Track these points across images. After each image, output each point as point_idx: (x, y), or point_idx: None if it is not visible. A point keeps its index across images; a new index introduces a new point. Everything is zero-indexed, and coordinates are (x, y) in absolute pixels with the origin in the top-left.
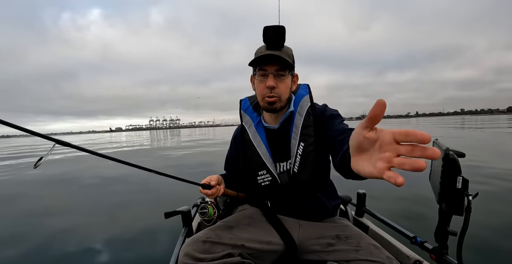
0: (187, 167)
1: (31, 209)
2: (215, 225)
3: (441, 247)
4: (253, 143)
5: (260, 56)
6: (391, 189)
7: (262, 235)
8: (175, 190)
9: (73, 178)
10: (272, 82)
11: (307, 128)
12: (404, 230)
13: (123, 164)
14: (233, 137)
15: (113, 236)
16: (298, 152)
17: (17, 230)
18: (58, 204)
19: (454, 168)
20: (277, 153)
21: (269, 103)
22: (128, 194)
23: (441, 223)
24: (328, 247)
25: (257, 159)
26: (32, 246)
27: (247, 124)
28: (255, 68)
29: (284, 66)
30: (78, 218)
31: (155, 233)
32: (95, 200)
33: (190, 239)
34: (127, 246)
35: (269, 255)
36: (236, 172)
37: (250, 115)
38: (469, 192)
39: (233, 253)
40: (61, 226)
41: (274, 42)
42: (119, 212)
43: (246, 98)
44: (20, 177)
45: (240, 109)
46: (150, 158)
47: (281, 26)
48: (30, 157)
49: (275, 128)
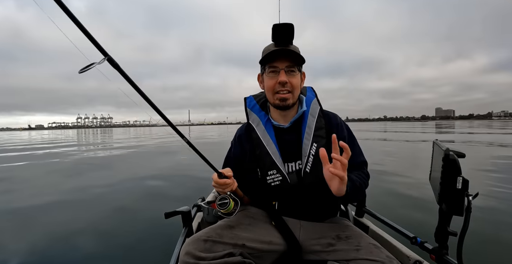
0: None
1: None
2: (216, 225)
3: (441, 247)
4: (262, 142)
5: (272, 51)
6: (391, 189)
7: (263, 235)
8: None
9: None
10: (284, 78)
11: (320, 130)
12: (404, 230)
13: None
14: (236, 136)
15: (110, 235)
16: (311, 153)
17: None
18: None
19: (454, 168)
20: (287, 152)
21: (281, 99)
22: (124, 194)
23: (441, 223)
24: (329, 247)
25: (266, 158)
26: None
27: (255, 122)
28: (264, 66)
29: (296, 61)
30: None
31: (155, 234)
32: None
33: (191, 238)
34: (125, 246)
35: (270, 255)
36: (240, 174)
37: (257, 114)
38: (469, 193)
39: (234, 252)
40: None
41: (284, 39)
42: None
43: (251, 96)
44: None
45: (245, 107)
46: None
47: (290, 23)
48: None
49: (285, 126)
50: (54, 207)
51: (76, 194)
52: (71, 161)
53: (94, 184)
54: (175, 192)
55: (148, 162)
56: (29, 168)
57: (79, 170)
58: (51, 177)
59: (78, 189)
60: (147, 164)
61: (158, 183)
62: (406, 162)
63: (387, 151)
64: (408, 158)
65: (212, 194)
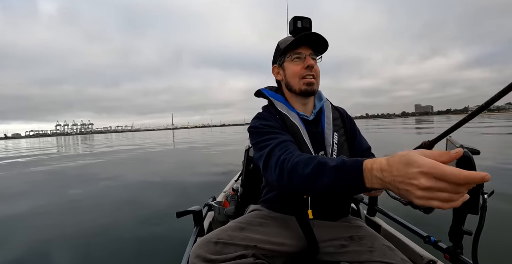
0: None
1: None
2: (226, 226)
3: (455, 247)
4: (300, 131)
5: (304, 34)
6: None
7: (275, 236)
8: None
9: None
10: (312, 61)
11: (336, 119)
12: (417, 229)
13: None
14: (263, 124)
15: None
16: (334, 142)
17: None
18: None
19: (468, 165)
20: (314, 143)
21: (308, 83)
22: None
23: (455, 222)
24: (342, 248)
25: (305, 148)
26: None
27: (284, 110)
28: (286, 55)
29: (318, 50)
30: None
31: (167, 232)
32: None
33: (201, 240)
34: (141, 242)
35: (282, 256)
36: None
37: (283, 102)
38: (484, 190)
39: (246, 254)
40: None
41: (306, 30)
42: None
43: (265, 88)
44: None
45: (267, 96)
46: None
47: (308, 17)
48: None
49: (309, 118)
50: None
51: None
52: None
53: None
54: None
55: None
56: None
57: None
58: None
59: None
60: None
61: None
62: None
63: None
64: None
65: (223, 194)
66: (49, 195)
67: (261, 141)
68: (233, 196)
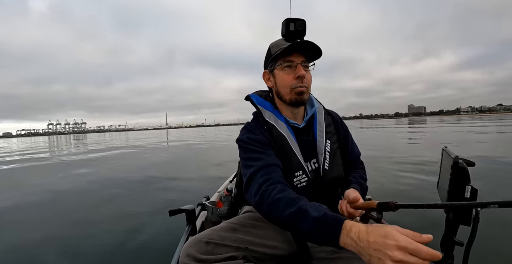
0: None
1: None
2: (219, 226)
3: (446, 257)
4: (288, 141)
5: (293, 44)
6: (397, 191)
7: (267, 239)
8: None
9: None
10: (303, 71)
11: (329, 126)
12: None
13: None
14: (251, 139)
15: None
16: (327, 149)
17: None
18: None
19: (463, 176)
20: (305, 152)
21: (299, 93)
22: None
23: (447, 232)
24: (333, 254)
25: (293, 159)
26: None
27: (272, 120)
28: (277, 62)
29: (311, 57)
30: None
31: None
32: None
33: (192, 239)
34: (132, 239)
35: (273, 260)
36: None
37: (271, 111)
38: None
39: (236, 255)
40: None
41: (299, 33)
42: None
43: (254, 94)
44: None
45: (254, 103)
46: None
47: (302, 19)
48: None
49: (300, 126)
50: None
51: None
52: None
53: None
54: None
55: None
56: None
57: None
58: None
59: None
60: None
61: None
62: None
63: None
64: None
65: (217, 194)
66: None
67: (246, 159)
68: (227, 197)
